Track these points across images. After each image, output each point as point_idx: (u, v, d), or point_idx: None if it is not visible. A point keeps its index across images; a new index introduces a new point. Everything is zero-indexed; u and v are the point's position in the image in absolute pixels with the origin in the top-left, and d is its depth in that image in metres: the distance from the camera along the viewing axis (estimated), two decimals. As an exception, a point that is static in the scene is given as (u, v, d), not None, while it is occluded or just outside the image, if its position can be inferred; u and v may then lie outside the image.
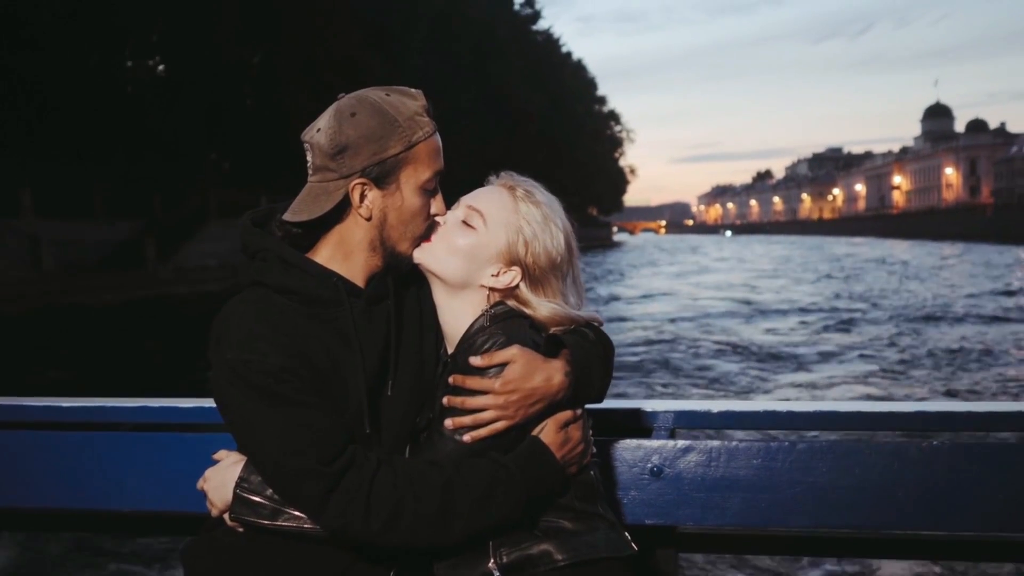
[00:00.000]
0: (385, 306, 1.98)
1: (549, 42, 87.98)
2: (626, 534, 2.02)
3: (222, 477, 1.92)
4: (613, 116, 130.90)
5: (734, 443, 2.50)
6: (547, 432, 1.92)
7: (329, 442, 1.77)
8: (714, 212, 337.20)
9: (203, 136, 38.93)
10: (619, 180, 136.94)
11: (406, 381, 1.99)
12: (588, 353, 1.97)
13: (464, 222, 1.98)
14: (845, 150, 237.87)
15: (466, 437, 1.87)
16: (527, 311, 1.97)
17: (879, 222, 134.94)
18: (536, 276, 1.98)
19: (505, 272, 1.98)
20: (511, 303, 1.98)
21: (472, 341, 1.91)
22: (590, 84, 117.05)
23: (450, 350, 2.03)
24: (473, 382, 1.86)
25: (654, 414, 2.61)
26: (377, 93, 1.90)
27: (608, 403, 2.33)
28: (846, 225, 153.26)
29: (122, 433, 2.83)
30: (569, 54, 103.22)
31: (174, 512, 2.78)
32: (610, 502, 2.19)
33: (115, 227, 34.60)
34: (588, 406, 2.06)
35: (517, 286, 1.98)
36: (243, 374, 1.78)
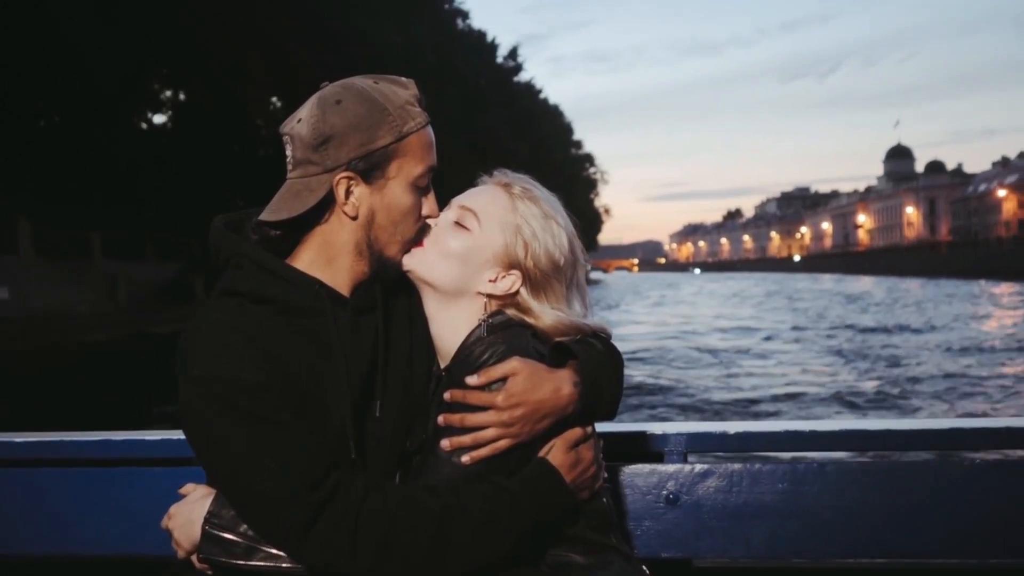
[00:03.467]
0: (372, 318, 1.79)
1: (530, 92, 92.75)
2: (644, 568, 1.85)
3: (189, 513, 1.71)
4: (588, 158, 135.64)
5: (757, 465, 2.32)
6: (555, 452, 1.73)
7: (310, 467, 1.58)
8: (686, 250, 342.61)
9: (224, 185, 42.50)
10: (594, 220, 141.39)
11: (395, 400, 1.79)
12: (598, 364, 1.78)
13: (457, 223, 1.80)
14: (813, 189, 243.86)
15: (465, 458, 1.66)
16: (529, 319, 1.80)
17: (844, 259, 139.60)
18: (538, 280, 1.80)
19: (503, 277, 1.80)
20: (511, 312, 1.81)
21: (469, 352, 1.73)
22: (567, 129, 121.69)
23: (443, 365, 1.83)
24: (473, 396, 1.68)
25: (664, 437, 2.40)
26: (364, 81, 1.74)
27: (612, 425, 2.16)
28: (813, 263, 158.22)
29: (80, 469, 2.58)
30: (546, 100, 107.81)
31: (141, 556, 2.47)
32: (622, 532, 2.02)
33: (164, 266, 38.44)
34: (600, 429, 1.86)
35: (517, 292, 1.80)
36: (213, 392, 1.58)
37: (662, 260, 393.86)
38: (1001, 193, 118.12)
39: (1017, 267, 71.43)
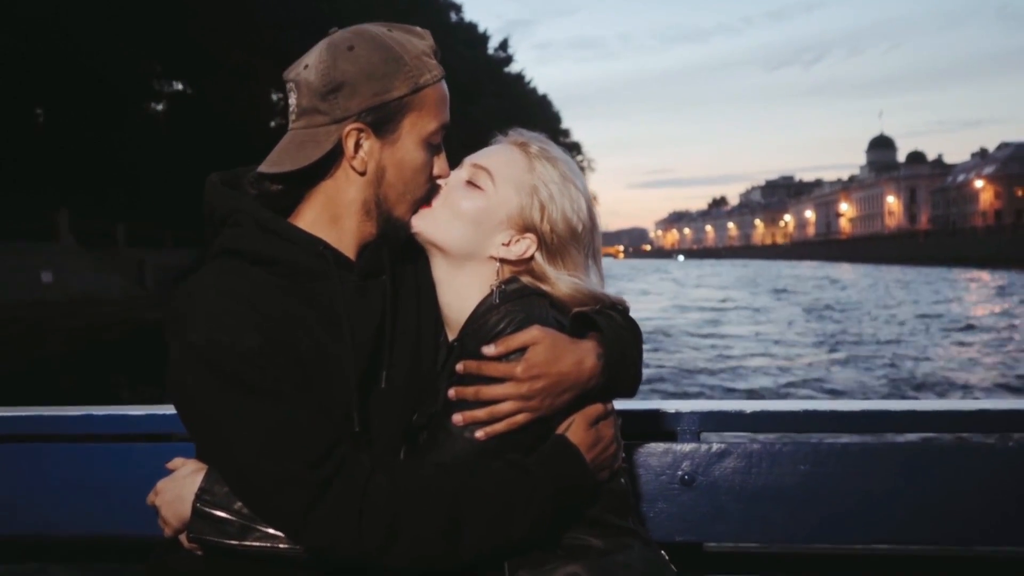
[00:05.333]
0: (380, 282, 1.69)
1: (520, 82, 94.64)
2: (663, 553, 1.76)
3: (178, 489, 1.60)
4: (576, 147, 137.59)
5: (776, 446, 2.24)
6: (575, 429, 1.65)
7: (313, 443, 1.48)
8: (671, 237, 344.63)
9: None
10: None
11: (403, 371, 1.70)
12: (620, 335, 1.69)
13: (469, 182, 1.72)
14: (797, 177, 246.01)
15: (479, 433, 1.57)
16: (544, 287, 1.70)
17: (825, 247, 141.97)
18: (554, 246, 1.71)
19: (518, 240, 1.71)
20: (525, 279, 1.71)
21: (483, 322, 1.64)
22: (554, 117, 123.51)
23: (451, 336, 1.76)
24: (490, 367, 1.58)
25: (677, 415, 2.30)
26: (378, 27, 1.64)
27: (623, 403, 2.01)
28: (795, 250, 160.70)
29: (60, 445, 2.48)
30: (535, 89, 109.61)
31: (124, 536, 2.41)
32: (636, 516, 1.86)
33: (181, 253, 40.13)
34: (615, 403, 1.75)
35: (532, 257, 1.71)
36: (208, 359, 1.47)
37: (647, 247, 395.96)
38: (978, 184, 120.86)
39: (991, 256, 73.92)
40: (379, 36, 1.61)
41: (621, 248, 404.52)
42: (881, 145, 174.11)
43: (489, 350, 1.59)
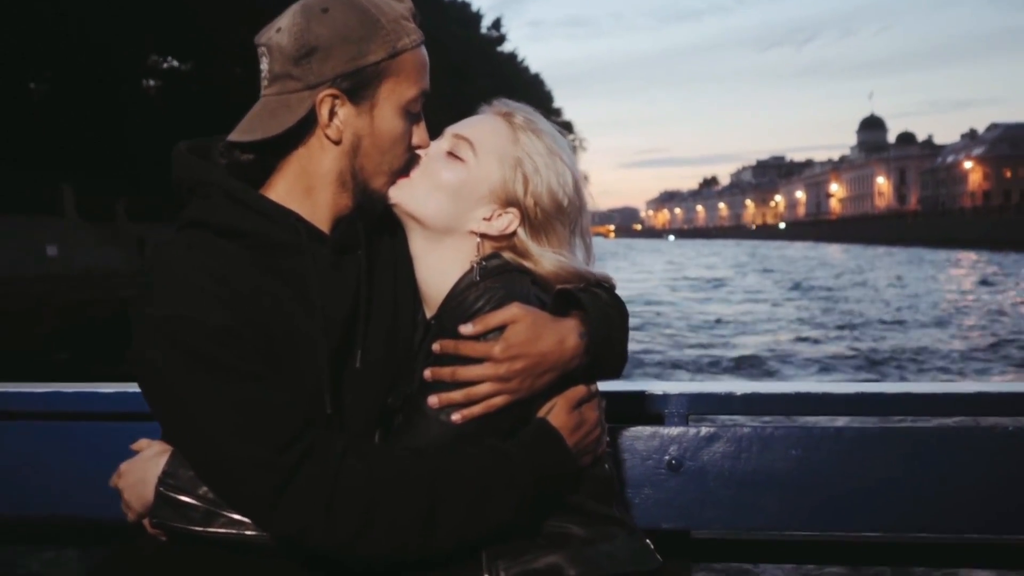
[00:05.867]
0: (355, 258, 1.62)
1: (513, 62, 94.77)
2: (648, 542, 1.70)
3: (141, 472, 1.54)
4: (568, 126, 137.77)
5: (768, 430, 2.18)
6: (557, 412, 1.59)
7: (282, 425, 1.42)
8: (662, 217, 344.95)
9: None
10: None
11: (378, 350, 1.64)
12: (605, 314, 1.64)
13: (450, 153, 1.66)
14: (788, 157, 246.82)
15: (456, 416, 1.51)
16: (526, 264, 1.65)
17: (816, 227, 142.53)
18: (538, 221, 1.65)
19: (500, 215, 1.65)
20: (507, 255, 1.65)
21: (461, 299, 1.58)
22: (546, 97, 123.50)
23: (429, 314, 1.70)
24: (467, 347, 1.52)
25: (665, 397, 2.23)
26: None
27: (608, 384, 1.87)
28: (786, 230, 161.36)
29: (27, 423, 2.40)
30: (527, 69, 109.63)
31: (92, 518, 2.30)
32: (621, 502, 1.84)
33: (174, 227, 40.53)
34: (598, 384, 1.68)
35: (514, 233, 1.66)
36: (173, 335, 1.41)
37: (638, 227, 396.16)
38: (967, 165, 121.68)
39: (978, 237, 74.58)
40: None
41: (612, 228, 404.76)
42: (872, 126, 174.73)
43: (467, 329, 1.53)
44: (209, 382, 1.42)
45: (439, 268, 1.68)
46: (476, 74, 66.86)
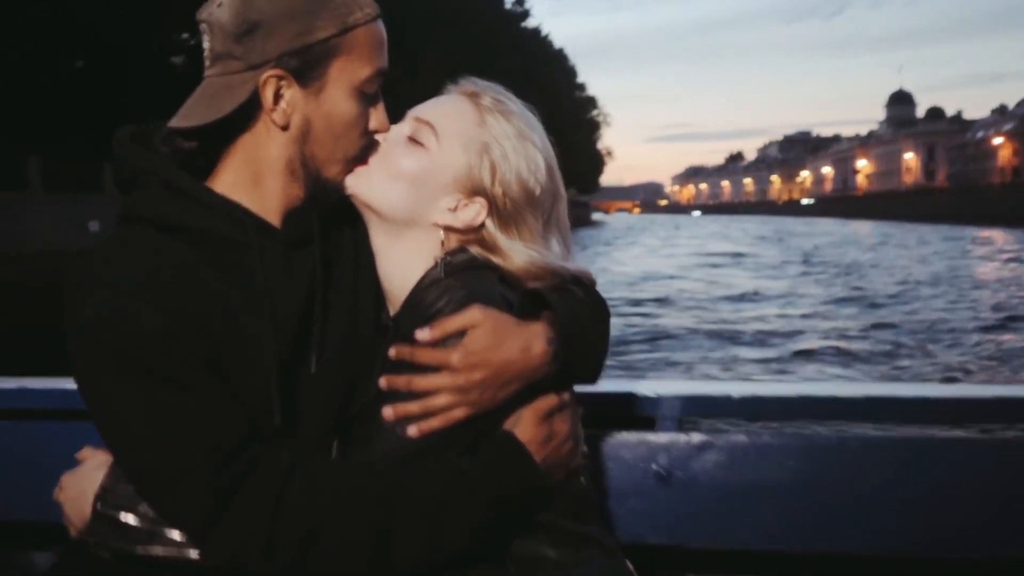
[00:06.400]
0: (308, 253, 1.49)
1: (537, 37, 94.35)
2: (628, 564, 1.57)
3: (81, 485, 1.45)
4: (592, 101, 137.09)
5: (765, 438, 2.02)
6: (524, 424, 1.46)
7: (222, 437, 1.31)
8: (687, 192, 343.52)
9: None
10: (597, 162, 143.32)
11: (335, 353, 1.51)
12: (578, 315, 1.51)
13: (411, 138, 1.52)
14: (815, 132, 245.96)
15: (412, 430, 1.38)
16: (495, 259, 1.51)
17: (843, 204, 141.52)
18: (507, 212, 1.51)
19: (466, 205, 1.51)
20: (475, 250, 1.52)
21: (420, 299, 1.45)
22: (570, 72, 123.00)
23: (393, 313, 1.56)
24: (423, 354, 1.39)
25: (656, 400, 2.05)
26: None
27: (594, 386, 1.66)
28: (812, 207, 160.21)
29: None
30: (551, 44, 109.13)
31: (55, 524, 1.88)
32: (602, 514, 1.75)
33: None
34: (577, 389, 1.57)
35: (482, 225, 1.52)
36: (104, 340, 1.30)
37: (663, 202, 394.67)
38: (997, 140, 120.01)
39: (1007, 214, 73.81)
40: None
41: (637, 203, 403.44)
42: (900, 101, 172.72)
43: (423, 334, 1.40)
44: (139, 390, 1.31)
45: (401, 264, 1.54)
46: (500, 50, 66.71)
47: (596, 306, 1.60)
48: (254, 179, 1.47)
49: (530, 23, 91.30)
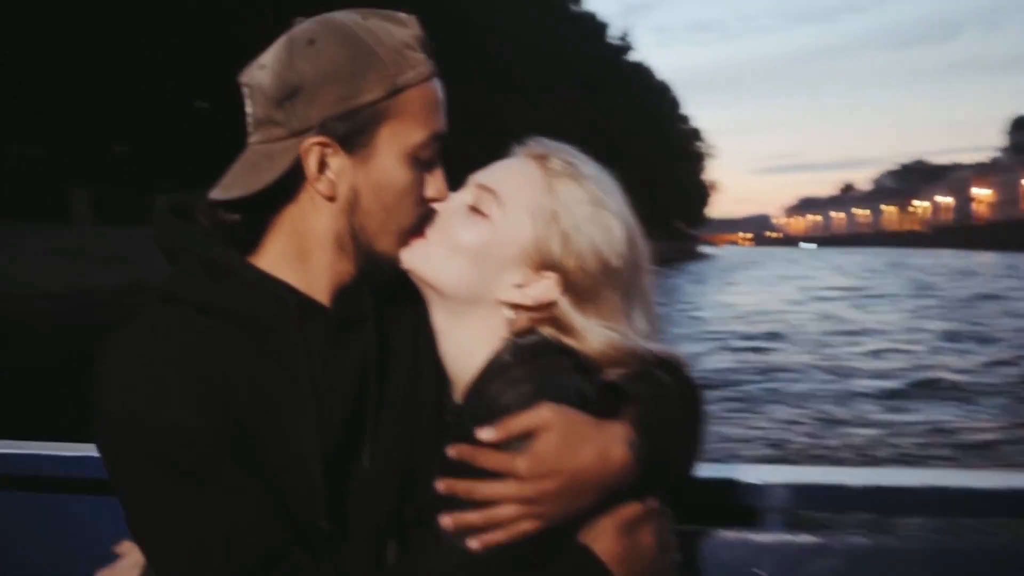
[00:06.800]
0: (361, 333, 1.37)
1: (640, 71, 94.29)
2: None
3: None
4: (696, 133, 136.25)
5: (892, 542, 1.67)
6: (603, 538, 1.28)
7: (257, 543, 1.20)
8: (798, 224, 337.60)
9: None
10: (702, 194, 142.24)
11: (391, 446, 1.37)
12: (665, 409, 1.32)
13: (472, 207, 1.38)
14: (931, 160, 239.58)
15: (473, 543, 1.23)
16: (569, 341, 1.35)
17: (962, 234, 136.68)
18: (583, 288, 1.35)
19: (535, 281, 1.36)
20: (546, 330, 1.36)
21: (483, 390, 1.31)
22: (674, 104, 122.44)
23: (457, 397, 1.40)
24: (486, 457, 1.24)
25: (761, 490, 1.73)
26: (348, 16, 1.32)
27: None
28: (929, 237, 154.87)
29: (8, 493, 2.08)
30: (654, 77, 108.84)
31: None
32: None
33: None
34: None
35: (554, 303, 1.35)
36: (124, 433, 1.20)
37: (773, 234, 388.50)
38: None
39: None
40: (347, 26, 1.30)
41: (746, 235, 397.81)
42: (1022, 127, 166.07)
43: (486, 434, 1.25)
44: (166, 492, 1.20)
45: (464, 346, 1.39)
46: (604, 86, 66.76)
47: (687, 396, 1.40)
48: (300, 254, 1.36)
49: (633, 56, 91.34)
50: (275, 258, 1.36)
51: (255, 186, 1.29)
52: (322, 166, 1.30)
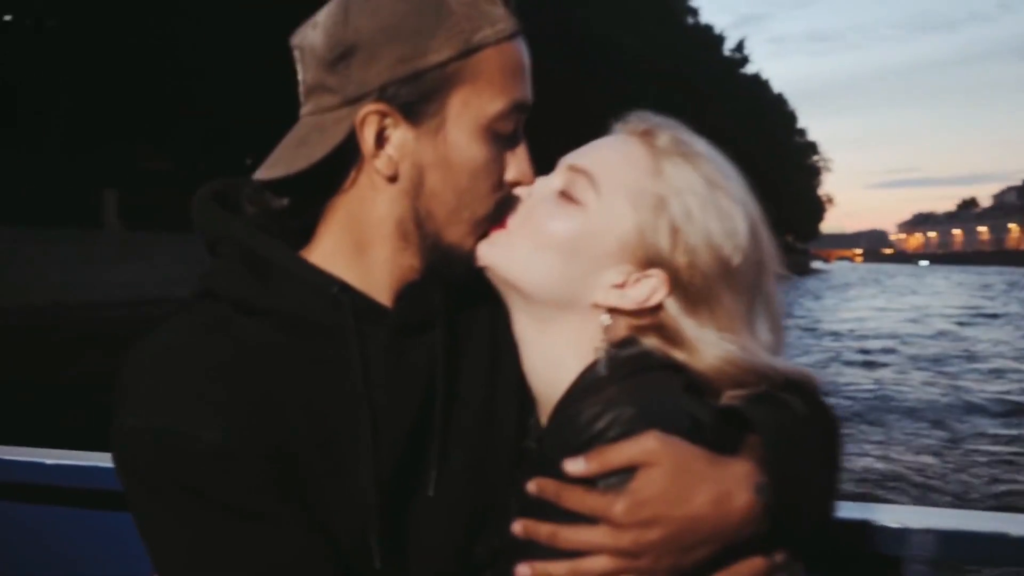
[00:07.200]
0: (428, 341, 1.18)
1: (756, 83, 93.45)
2: None
3: None
4: (812, 147, 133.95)
5: None
6: None
7: None
8: (914, 240, 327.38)
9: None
10: (817, 209, 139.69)
11: (461, 473, 1.19)
12: (798, 444, 1.07)
13: (563, 193, 1.18)
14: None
15: None
16: (678, 354, 1.13)
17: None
18: (695, 289, 1.13)
19: (637, 280, 1.15)
20: (650, 341, 1.15)
21: (574, 414, 1.08)
22: (790, 117, 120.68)
23: (542, 419, 1.21)
24: (575, 497, 1.02)
25: (902, 535, 1.47)
26: None
27: None
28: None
29: (11, 504, 1.91)
30: (770, 89, 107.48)
31: None
32: None
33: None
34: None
35: (660, 306, 1.14)
36: (152, 457, 1.02)
37: (888, 250, 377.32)
38: None
39: None
40: None
41: (859, 251, 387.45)
42: None
43: (575, 467, 1.03)
44: (189, 524, 1.04)
45: (550, 358, 1.19)
46: (719, 99, 66.46)
47: (821, 424, 1.14)
48: (357, 246, 1.17)
49: (748, 69, 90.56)
50: (329, 251, 1.18)
51: (303, 163, 1.11)
52: (381, 140, 1.12)
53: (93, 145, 29.36)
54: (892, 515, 1.52)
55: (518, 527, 1.07)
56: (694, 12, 73.02)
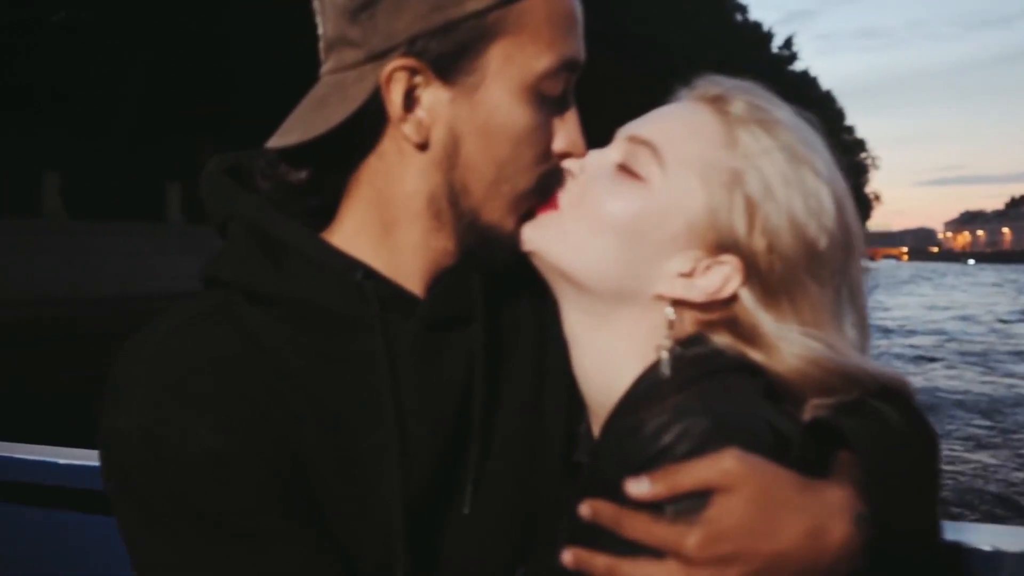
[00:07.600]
0: (465, 336, 1.05)
1: (804, 81, 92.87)
2: None
3: None
4: (860, 144, 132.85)
5: None
6: None
7: None
8: (962, 239, 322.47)
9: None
10: (864, 207, 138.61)
11: (500, 492, 1.06)
12: (899, 463, 0.92)
13: (622, 167, 1.03)
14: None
15: None
16: (755, 354, 0.99)
17: None
18: (776, 278, 0.98)
19: (708, 268, 1.01)
20: (721, 338, 1.01)
21: (633, 426, 0.92)
22: (837, 115, 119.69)
23: (595, 429, 1.06)
24: (636, 524, 0.86)
25: (996, 558, 1.29)
26: None
27: None
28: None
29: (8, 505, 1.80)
30: (818, 85, 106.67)
31: None
32: None
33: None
34: None
35: (734, 298, 1.00)
36: (142, 464, 0.90)
37: (935, 249, 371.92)
38: None
39: None
40: None
41: (905, 250, 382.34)
42: None
43: (638, 488, 0.87)
44: (173, 537, 0.91)
45: (606, 358, 1.06)
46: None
47: (920, 439, 0.98)
48: (384, 226, 1.04)
49: (797, 66, 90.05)
50: (351, 232, 1.05)
51: (321, 127, 0.97)
52: (411, 101, 0.97)
53: (157, 139, 29.53)
54: (983, 535, 1.35)
55: (568, 556, 0.89)
56: (743, 9, 72.88)
